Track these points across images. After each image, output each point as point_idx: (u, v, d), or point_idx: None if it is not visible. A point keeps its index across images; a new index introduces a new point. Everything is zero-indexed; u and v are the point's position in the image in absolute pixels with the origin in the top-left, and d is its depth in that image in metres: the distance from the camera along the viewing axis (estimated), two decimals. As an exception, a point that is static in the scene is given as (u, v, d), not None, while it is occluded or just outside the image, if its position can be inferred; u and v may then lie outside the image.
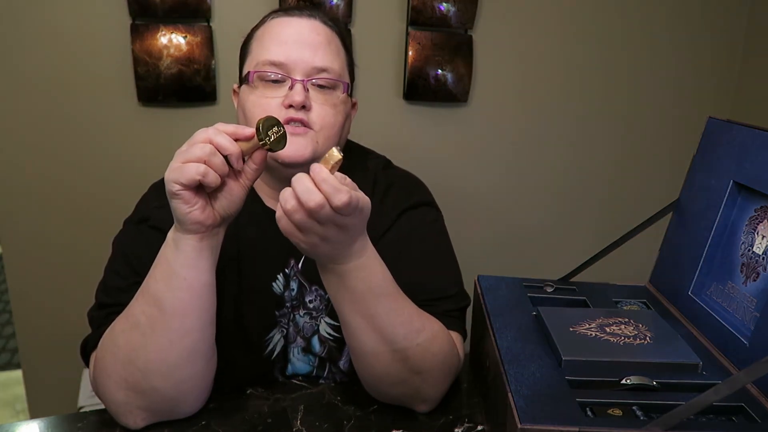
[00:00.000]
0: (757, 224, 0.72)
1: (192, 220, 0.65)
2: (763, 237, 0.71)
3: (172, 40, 1.46)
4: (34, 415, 1.65)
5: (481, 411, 0.77)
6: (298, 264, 0.85)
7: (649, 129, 1.98)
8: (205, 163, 0.63)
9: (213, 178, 0.63)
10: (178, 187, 0.63)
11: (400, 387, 0.74)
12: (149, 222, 0.82)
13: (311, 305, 0.86)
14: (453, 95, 1.70)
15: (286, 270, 0.85)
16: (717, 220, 0.77)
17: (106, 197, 1.54)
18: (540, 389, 0.61)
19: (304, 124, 0.79)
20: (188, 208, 0.64)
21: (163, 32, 1.45)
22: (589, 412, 0.59)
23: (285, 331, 0.86)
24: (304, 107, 0.79)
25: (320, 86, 0.81)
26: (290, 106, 0.78)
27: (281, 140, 0.66)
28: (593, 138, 1.94)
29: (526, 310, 0.80)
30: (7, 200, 1.49)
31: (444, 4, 1.62)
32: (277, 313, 0.85)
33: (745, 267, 0.72)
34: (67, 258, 1.56)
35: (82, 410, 1.35)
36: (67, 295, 1.58)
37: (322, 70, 0.80)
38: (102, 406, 0.76)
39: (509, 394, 0.60)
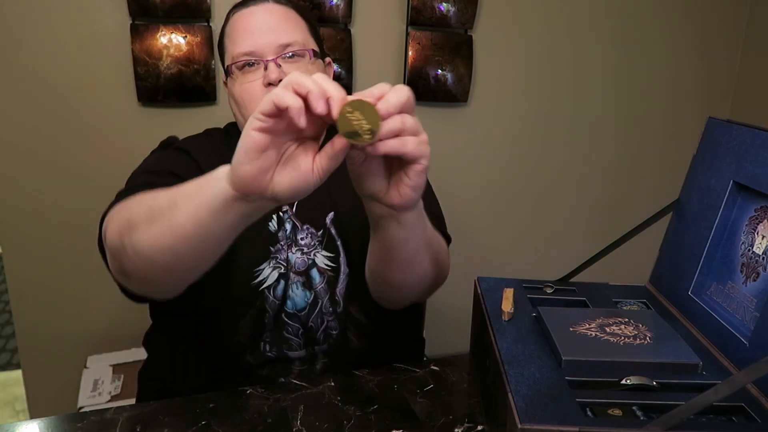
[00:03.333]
0: (757, 224, 0.72)
1: (247, 172, 0.56)
2: (763, 237, 0.71)
3: (172, 40, 1.46)
4: (34, 415, 1.65)
5: (481, 411, 0.77)
6: (292, 208, 0.95)
7: (649, 129, 1.98)
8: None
9: (298, 111, 0.53)
10: (261, 116, 0.54)
11: (425, 285, 0.87)
12: (174, 145, 0.96)
13: (303, 242, 0.94)
14: (453, 95, 1.70)
15: (280, 213, 0.93)
16: (717, 220, 0.77)
17: (106, 197, 1.53)
18: (540, 389, 0.61)
19: None
20: (256, 153, 0.55)
21: (163, 32, 1.46)
22: (589, 412, 0.59)
23: (282, 267, 0.91)
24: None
25: (290, 58, 0.92)
26: (269, 84, 0.89)
27: (369, 133, 0.55)
28: (593, 138, 1.94)
29: (526, 310, 0.80)
30: (7, 200, 1.49)
31: (444, 4, 1.62)
32: (271, 249, 0.92)
33: (745, 267, 0.72)
34: (67, 258, 1.56)
35: (82, 410, 1.35)
36: (67, 295, 1.58)
37: (287, 45, 0.92)
38: (102, 407, 0.76)
39: (509, 394, 0.60)
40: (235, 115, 0.98)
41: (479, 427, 0.74)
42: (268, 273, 0.91)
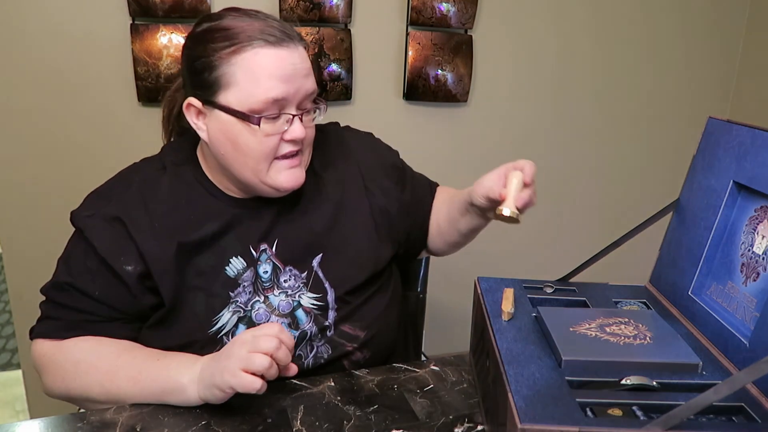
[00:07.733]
0: (757, 224, 0.72)
1: (223, 396, 0.74)
2: (763, 237, 0.71)
3: (172, 40, 1.46)
4: (34, 415, 1.65)
5: (481, 411, 0.77)
6: (272, 248, 0.89)
7: (649, 129, 1.98)
8: (271, 356, 0.72)
9: (274, 372, 0.73)
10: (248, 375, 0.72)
11: None
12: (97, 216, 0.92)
13: (286, 284, 0.90)
14: (453, 95, 1.70)
15: (255, 254, 0.89)
16: (717, 220, 0.76)
17: (106, 197, 1.54)
18: (540, 389, 0.61)
19: (299, 152, 0.85)
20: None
21: (163, 32, 1.46)
22: (589, 412, 0.59)
23: (241, 311, 0.88)
24: None
25: (309, 112, 0.86)
26: (291, 140, 0.83)
27: None
28: (593, 138, 1.94)
29: (526, 310, 0.80)
30: (6, 200, 1.49)
31: (444, 4, 1.63)
32: (230, 293, 0.87)
33: (745, 267, 0.72)
34: (67, 258, 1.56)
35: (82, 410, 1.35)
36: (67, 295, 1.58)
37: (311, 93, 0.85)
38: (101, 407, 0.76)
39: (509, 394, 0.60)
40: (226, 157, 0.84)
41: (479, 427, 0.74)
42: (227, 319, 0.86)
